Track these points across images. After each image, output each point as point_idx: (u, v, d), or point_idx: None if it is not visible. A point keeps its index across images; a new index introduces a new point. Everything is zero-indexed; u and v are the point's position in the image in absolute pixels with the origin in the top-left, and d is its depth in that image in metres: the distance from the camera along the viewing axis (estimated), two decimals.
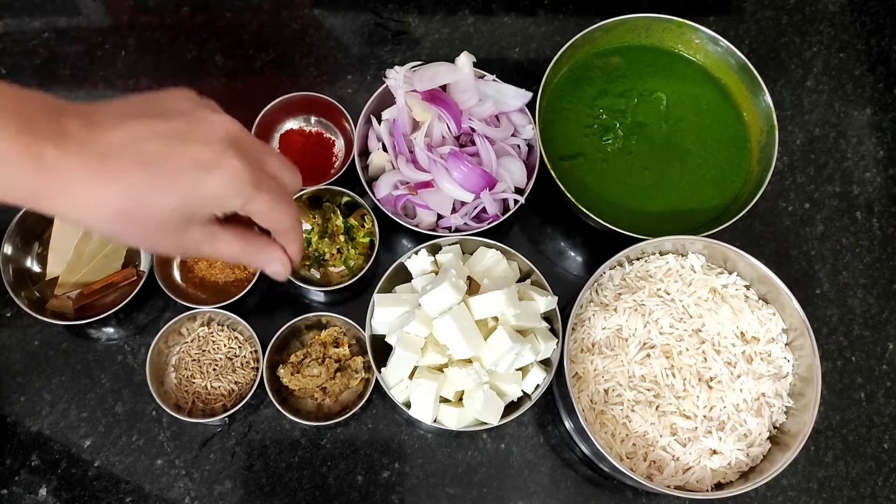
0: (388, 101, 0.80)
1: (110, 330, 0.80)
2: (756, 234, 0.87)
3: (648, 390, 0.70)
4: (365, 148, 0.82)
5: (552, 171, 0.75)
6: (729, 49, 0.83)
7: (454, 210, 0.77)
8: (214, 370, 0.77)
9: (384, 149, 0.80)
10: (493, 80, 0.80)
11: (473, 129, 0.78)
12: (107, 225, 0.44)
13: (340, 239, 0.79)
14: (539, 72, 0.80)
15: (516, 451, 0.77)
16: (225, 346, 0.78)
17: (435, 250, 0.73)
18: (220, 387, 0.76)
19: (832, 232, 0.88)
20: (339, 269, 0.80)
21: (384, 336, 0.70)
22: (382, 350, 0.71)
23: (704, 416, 0.69)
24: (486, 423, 0.67)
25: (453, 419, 0.67)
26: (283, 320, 0.75)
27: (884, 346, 0.84)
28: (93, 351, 0.79)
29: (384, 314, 0.70)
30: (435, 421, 0.68)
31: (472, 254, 0.74)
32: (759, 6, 0.99)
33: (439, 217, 0.77)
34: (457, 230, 0.77)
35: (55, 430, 0.76)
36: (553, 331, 0.71)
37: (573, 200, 0.75)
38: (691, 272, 0.74)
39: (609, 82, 0.86)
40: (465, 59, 0.78)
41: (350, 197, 0.79)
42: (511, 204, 0.77)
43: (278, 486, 0.75)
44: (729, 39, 0.83)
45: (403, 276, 0.74)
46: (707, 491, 0.67)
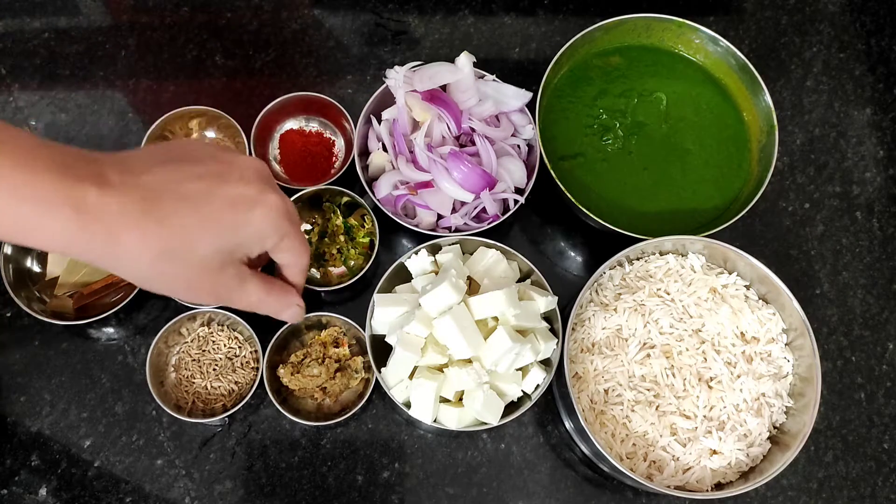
0: (388, 101, 0.80)
1: (110, 330, 0.80)
2: (756, 234, 0.87)
3: (648, 390, 0.70)
4: (365, 148, 0.82)
5: (552, 171, 0.75)
6: (729, 49, 0.83)
7: (454, 210, 0.77)
8: (214, 370, 0.77)
9: (384, 149, 0.80)
10: (493, 80, 0.80)
11: (473, 129, 0.78)
12: (148, 265, 0.43)
13: (340, 239, 0.79)
14: (539, 72, 0.80)
15: (516, 451, 0.77)
16: (225, 346, 0.78)
17: (435, 250, 0.73)
18: (220, 387, 0.76)
19: (832, 232, 0.88)
20: (339, 269, 0.80)
21: (384, 336, 0.70)
22: (382, 350, 0.71)
23: (704, 416, 0.69)
24: (486, 423, 0.67)
25: (453, 419, 0.67)
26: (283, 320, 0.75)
27: (884, 346, 0.84)
28: (93, 351, 0.79)
29: (384, 314, 0.70)
30: (435, 421, 0.68)
31: (472, 254, 0.74)
32: (759, 6, 0.99)
33: (439, 217, 0.77)
34: (457, 230, 0.77)
35: (55, 430, 0.76)
36: (553, 331, 0.71)
37: (573, 200, 0.75)
38: (691, 272, 0.74)
39: (609, 82, 0.86)
40: (465, 59, 0.78)
41: (350, 197, 0.79)
42: (511, 204, 0.77)
43: (278, 486, 0.75)
44: (729, 39, 0.83)
45: (403, 276, 0.74)
46: (707, 491, 0.67)
